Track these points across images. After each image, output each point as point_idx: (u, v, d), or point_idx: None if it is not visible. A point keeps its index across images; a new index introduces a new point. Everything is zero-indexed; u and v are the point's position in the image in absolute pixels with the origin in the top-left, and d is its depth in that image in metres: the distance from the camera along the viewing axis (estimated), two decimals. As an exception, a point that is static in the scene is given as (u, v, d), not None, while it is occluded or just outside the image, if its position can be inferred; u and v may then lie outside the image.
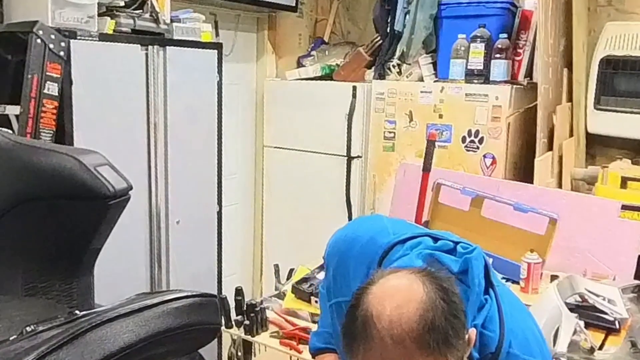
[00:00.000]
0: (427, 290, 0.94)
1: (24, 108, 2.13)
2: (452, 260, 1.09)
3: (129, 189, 1.70)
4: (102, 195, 1.61)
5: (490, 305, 1.08)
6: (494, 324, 1.06)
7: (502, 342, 1.05)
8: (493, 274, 1.12)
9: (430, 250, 1.12)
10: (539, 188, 2.69)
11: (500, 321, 1.07)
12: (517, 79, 3.06)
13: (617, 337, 1.85)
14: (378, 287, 0.98)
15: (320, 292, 1.53)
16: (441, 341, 0.91)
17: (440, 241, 1.16)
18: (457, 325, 0.94)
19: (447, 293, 0.96)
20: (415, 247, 1.14)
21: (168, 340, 1.13)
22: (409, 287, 0.95)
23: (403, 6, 3.23)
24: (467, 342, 0.98)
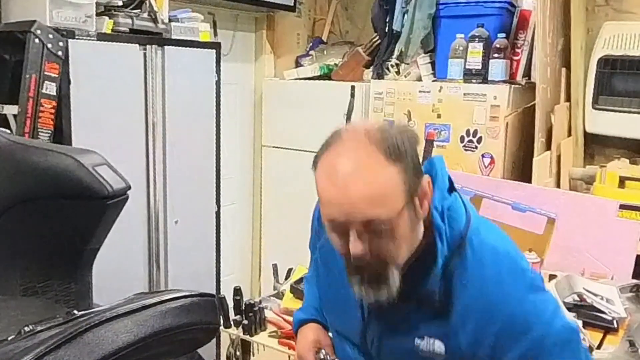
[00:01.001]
0: (388, 123, 1.11)
1: (22, 108, 2.13)
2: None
3: (127, 188, 1.70)
4: (101, 195, 1.61)
5: (454, 198, 1.16)
6: (459, 211, 1.14)
7: (469, 222, 1.13)
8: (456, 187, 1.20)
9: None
10: (537, 187, 2.70)
11: (466, 210, 1.15)
12: (516, 78, 3.06)
13: (615, 336, 1.85)
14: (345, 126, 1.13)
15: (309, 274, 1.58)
16: (392, 145, 1.02)
17: None
18: (410, 146, 1.05)
19: (406, 128, 1.11)
20: None
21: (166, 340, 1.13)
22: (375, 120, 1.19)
23: (401, 6, 3.23)
24: (421, 187, 1.07)
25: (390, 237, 1.04)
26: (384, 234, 1.03)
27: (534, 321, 1.07)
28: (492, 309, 1.07)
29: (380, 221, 1.02)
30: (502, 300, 1.07)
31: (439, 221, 1.11)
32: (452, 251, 1.10)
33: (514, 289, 1.09)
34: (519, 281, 1.10)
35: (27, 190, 1.68)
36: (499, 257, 1.12)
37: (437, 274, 1.09)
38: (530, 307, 1.08)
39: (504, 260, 1.12)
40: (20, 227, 1.68)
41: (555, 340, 1.07)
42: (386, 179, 1.01)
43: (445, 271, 1.10)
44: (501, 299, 1.08)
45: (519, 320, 1.07)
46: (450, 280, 1.10)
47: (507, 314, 1.07)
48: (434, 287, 1.10)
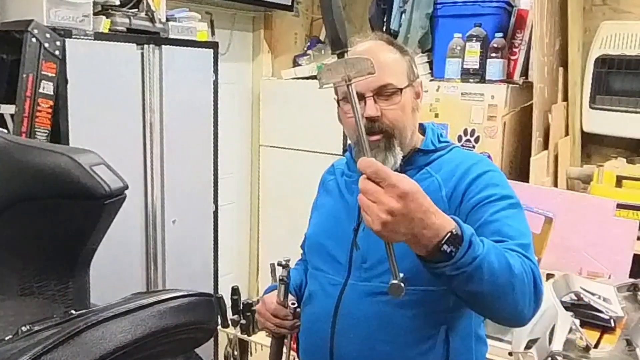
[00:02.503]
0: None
1: (19, 107, 2.12)
2: None
3: (124, 188, 1.69)
4: (98, 195, 1.61)
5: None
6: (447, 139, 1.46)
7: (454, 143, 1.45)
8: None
9: None
10: (535, 187, 2.70)
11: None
12: (513, 78, 3.06)
13: (613, 335, 1.85)
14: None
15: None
16: (401, 46, 1.41)
17: None
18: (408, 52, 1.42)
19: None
20: None
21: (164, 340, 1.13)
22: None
23: (399, 5, 3.23)
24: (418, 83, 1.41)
25: (397, 105, 1.32)
26: (393, 100, 1.31)
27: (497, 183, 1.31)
28: (469, 170, 1.32)
29: (391, 86, 1.31)
30: (477, 167, 1.33)
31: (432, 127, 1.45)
32: (440, 146, 1.40)
33: (487, 164, 1.36)
34: (490, 164, 1.39)
35: (24, 190, 1.67)
36: (476, 154, 1.45)
37: (426, 149, 1.39)
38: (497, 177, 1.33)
39: (479, 155, 1.44)
40: (17, 227, 1.68)
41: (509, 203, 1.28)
42: (394, 58, 1.35)
43: (434, 153, 1.39)
44: (476, 166, 1.34)
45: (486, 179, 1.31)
46: (437, 159, 1.38)
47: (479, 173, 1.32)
48: (423, 161, 1.38)
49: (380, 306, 1.31)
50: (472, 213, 1.26)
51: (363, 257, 1.35)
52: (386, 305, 1.30)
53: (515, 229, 1.22)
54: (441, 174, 1.35)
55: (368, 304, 1.32)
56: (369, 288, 1.33)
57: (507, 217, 1.24)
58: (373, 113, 1.30)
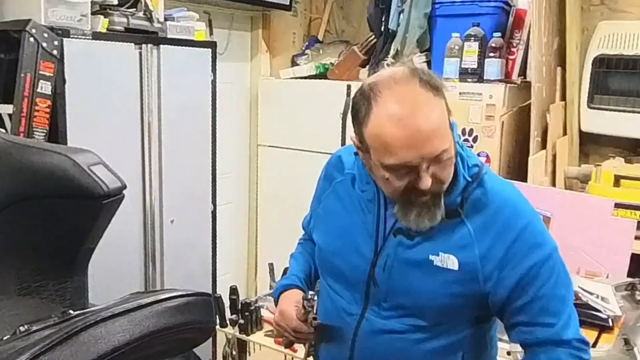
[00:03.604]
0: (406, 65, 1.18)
1: (17, 107, 2.12)
2: None
3: (122, 188, 1.69)
4: (96, 195, 1.61)
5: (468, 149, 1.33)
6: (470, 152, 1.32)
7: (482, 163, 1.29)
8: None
9: None
10: (533, 186, 2.70)
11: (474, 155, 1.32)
12: (511, 77, 3.07)
13: (611, 334, 1.86)
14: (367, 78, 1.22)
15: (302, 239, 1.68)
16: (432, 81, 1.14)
17: None
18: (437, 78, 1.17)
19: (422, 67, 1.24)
20: None
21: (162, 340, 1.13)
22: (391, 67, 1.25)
23: (397, 5, 3.23)
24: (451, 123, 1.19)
25: (449, 164, 1.17)
26: (445, 162, 1.16)
27: (540, 241, 1.23)
28: (507, 225, 1.21)
29: (446, 151, 1.14)
30: (516, 219, 1.22)
31: (461, 150, 1.25)
32: (472, 176, 1.24)
33: (524, 210, 1.26)
34: (527, 205, 1.27)
35: (22, 189, 1.67)
36: (510, 186, 1.31)
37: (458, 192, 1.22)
38: (539, 227, 1.25)
39: (514, 189, 1.30)
40: (16, 227, 1.67)
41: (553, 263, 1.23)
42: (441, 110, 1.14)
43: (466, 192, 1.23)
44: (515, 218, 1.22)
45: (529, 238, 1.21)
46: (469, 200, 1.23)
47: (519, 230, 1.21)
48: (455, 204, 1.22)
49: (399, 343, 1.29)
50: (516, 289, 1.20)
51: (383, 295, 1.29)
52: (404, 341, 1.28)
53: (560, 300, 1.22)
54: (474, 221, 1.23)
55: (386, 340, 1.29)
56: (388, 327, 1.29)
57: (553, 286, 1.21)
58: (428, 185, 1.15)
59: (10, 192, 1.67)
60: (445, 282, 1.22)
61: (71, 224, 1.67)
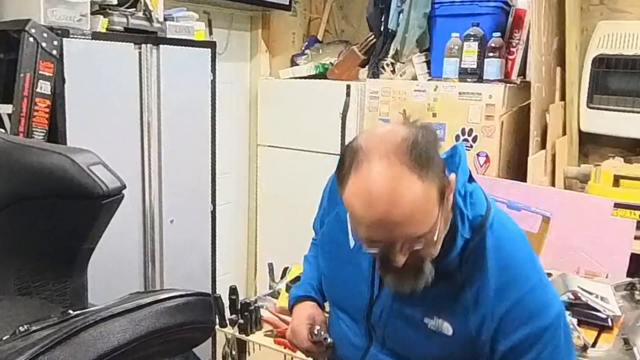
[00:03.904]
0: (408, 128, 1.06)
1: (16, 107, 2.12)
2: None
3: (122, 188, 1.69)
4: (96, 195, 1.60)
5: (474, 186, 1.19)
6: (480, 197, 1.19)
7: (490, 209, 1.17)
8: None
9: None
10: (532, 186, 2.70)
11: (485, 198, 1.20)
12: (511, 77, 3.07)
13: (610, 334, 1.86)
14: (366, 132, 1.11)
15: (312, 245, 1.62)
16: (423, 157, 1.01)
17: None
18: (436, 152, 1.05)
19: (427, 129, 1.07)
20: None
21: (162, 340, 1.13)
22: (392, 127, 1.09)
23: (397, 5, 3.23)
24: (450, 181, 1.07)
25: (431, 244, 1.06)
26: (428, 243, 1.05)
27: (541, 310, 1.12)
28: (505, 290, 1.11)
29: (423, 235, 1.03)
30: (516, 284, 1.12)
31: (462, 204, 1.13)
32: (472, 233, 1.14)
33: (528, 274, 1.14)
34: (532, 268, 1.15)
35: (21, 189, 1.67)
36: (516, 243, 1.18)
37: (455, 254, 1.12)
38: (541, 294, 1.14)
39: (521, 247, 1.18)
40: (15, 227, 1.67)
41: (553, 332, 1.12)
42: (423, 195, 1.00)
43: (465, 251, 1.13)
44: (515, 283, 1.12)
45: (528, 306, 1.11)
46: (468, 261, 1.13)
47: (518, 297, 1.11)
48: (452, 266, 1.13)
49: None
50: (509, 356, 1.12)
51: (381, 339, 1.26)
52: None
53: None
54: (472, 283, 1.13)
55: None
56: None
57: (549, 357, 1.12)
58: (400, 263, 1.06)
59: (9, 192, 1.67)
60: (440, 343, 1.17)
61: (71, 224, 1.66)
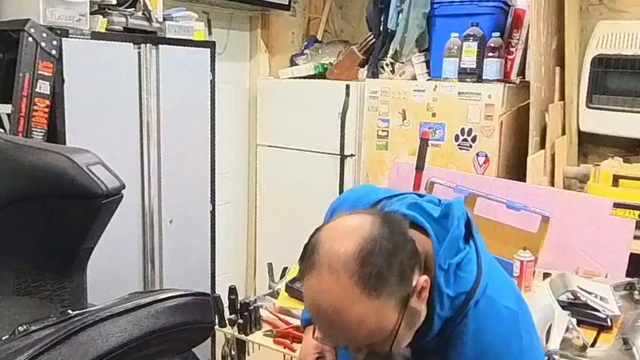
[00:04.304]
0: (372, 228, 0.98)
1: (15, 107, 2.12)
2: (434, 208, 1.11)
3: (121, 188, 1.69)
4: (95, 195, 1.60)
5: (468, 251, 1.08)
6: (471, 268, 1.06)
7: (478, 283, 1.05)
8: (475, 230, 1.13)
9: (415, 200, 1.15)
10: (532, 186, 2.70)
11: (478, 266, 1.07)
12: (510, 77, 3.07)
13: (609, 334, 1.86)
14: (333, 222, 1.04)
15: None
16: (374, 275, 0.94)
17: (426, 196, 1.20)
18: (395, 265, 0.96)
19: (393, 234, 0.99)
20: (401, 200, 1.17)
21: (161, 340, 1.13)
22: (357, 224, 1.00)
23: (396, 5, 3.24)
24: (415, 288, 0.99)
25: (390, 342, 0.99)
26: (385, 343, 0.99)
27: None
28: None
29: (377, 343, 0.99)
30: None
31: (442, 283, 1.03)
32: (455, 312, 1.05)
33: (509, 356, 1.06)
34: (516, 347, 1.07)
35: (21, 189, 1.67)
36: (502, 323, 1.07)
37: (433, 335, 1.06)
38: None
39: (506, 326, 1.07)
40: (14, 227, 1.67)
41: None
42: (373, 313, 0.95)
43: (444, 330, 1.06)
44: None
45: None
46: (448, 340, 1.06)
47: None
48: (430, 346, 1.07)
49: None
50: None
51: None
52: None
53: None
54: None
55: None
56: None
57: None
58: (361, 358, 1.02)
59: (9, 192, 1.67)
60: None
61: (70, 223, 1.66)
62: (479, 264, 1.08)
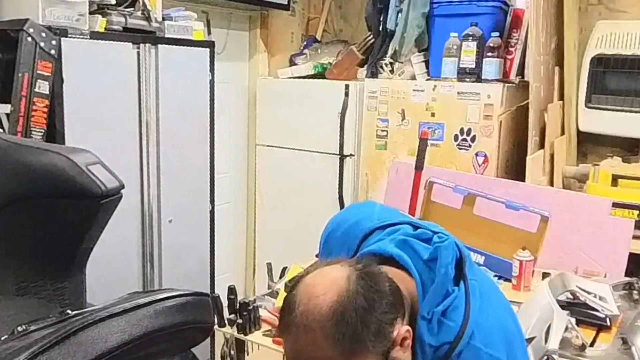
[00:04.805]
0: (348, 284, 0.97)
1: (14, 107, 2.12)
2: (424, 247, 1.10)
3: (120, 187, 1.69)
4: (94, 194, 1.60)
5: (456, 295, 1.05)
6: (457, 315, 1.04)
7: (463, 332, 1.02)
8: (470, 268, 1.10)
9: (406, 237, 1.13)
10: (531, 186, 2.71)
11: (465, 312, 1.04)
12: (509, 77, 3.07)
13: (608, 333, 1.86)
14: (309, 277, 1.02)
15: None
16: (349, 335, 0.93)
17: (419, 230, 1.16)
18: (371, 322, 0.96)
19: (370, 289, 0.97)
20: (394, 233, 1.16)
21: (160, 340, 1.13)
22: (332, 280, 0.99)
23: (395, 4, 3.24)
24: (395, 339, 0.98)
25: None
26: None
27: None
28: None
29: None
30: None
31: (424, 332, 1.02)
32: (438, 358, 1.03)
33: None
34: None
35: (20, 189, 1.67)
36: None
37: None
38: None
39: None
40: (13, 227, 1.67)
41: None
42: None
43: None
44: None
45: None
46: None
47: None
48: None
49: None
50: None
51: None
52: None
53: None
54: None
55: None
56: None
57: None
58: None
59: (7, 192, 1.67)
60: None
61: (69, 223, 1.66)
62: (467, 309, 1.05)
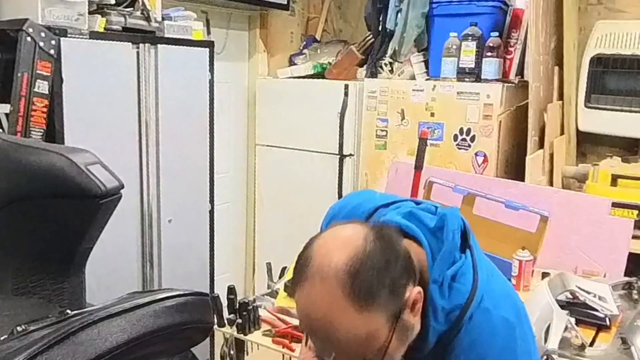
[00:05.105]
0: (364, 241, 0.98)
1: (14, 106, 2.12)
2: (430, 217, 1.11)
3: (120, 187, 1.69)
4: (93, 194, 1.60)
5: (463, 262, 1.07)
6: (466, 280, 1.06)
7: (474, 295, 1.04)
8: (472, 238, 1.13)
9: (411, 209, 1.14)
10: (530, 186, 2.71)
11: (473, 277, 1.06)
12: (509, 77, 3.07)
13: (608, 333, 1.86)
14: (326, 233, 1.04)
15: None
16: (364, 290, 0.94)
17: (422, 204, 1.18)
18: (386, 280, 0.96)
19: (385, 249, 0.98)
20: (397, 209, 1.16)
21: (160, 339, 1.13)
22: (349, 236, 1.00)
23: (395, 4, 3.24)
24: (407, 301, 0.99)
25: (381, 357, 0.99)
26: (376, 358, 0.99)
27: None
28: None
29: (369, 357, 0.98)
30: None
31: (437, 296, 1.03)
32: (450, 326, 1.04)
33: None
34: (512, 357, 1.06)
35: (19, 189, 1.67)
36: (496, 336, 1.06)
37: (428, 349, 1.05)
38: None
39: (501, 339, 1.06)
40: (13, 227, 1.67)
41: None
42: (362, 326, 0.96)
43: (439, 344, 1.05)
44: None
45: None
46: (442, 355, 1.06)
47: None
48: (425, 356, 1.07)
49: None
50: None
51: None
52: None
53: None
54: None
55: None
56: None
57: None
58: None
59: (7, 191, 1.67)
60: None
61: (68, 223, 1.66)
62: (475, 274, 1.07)
